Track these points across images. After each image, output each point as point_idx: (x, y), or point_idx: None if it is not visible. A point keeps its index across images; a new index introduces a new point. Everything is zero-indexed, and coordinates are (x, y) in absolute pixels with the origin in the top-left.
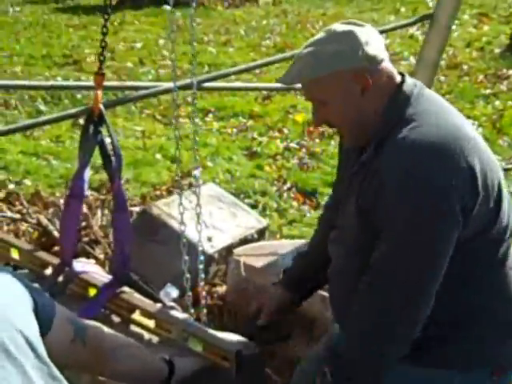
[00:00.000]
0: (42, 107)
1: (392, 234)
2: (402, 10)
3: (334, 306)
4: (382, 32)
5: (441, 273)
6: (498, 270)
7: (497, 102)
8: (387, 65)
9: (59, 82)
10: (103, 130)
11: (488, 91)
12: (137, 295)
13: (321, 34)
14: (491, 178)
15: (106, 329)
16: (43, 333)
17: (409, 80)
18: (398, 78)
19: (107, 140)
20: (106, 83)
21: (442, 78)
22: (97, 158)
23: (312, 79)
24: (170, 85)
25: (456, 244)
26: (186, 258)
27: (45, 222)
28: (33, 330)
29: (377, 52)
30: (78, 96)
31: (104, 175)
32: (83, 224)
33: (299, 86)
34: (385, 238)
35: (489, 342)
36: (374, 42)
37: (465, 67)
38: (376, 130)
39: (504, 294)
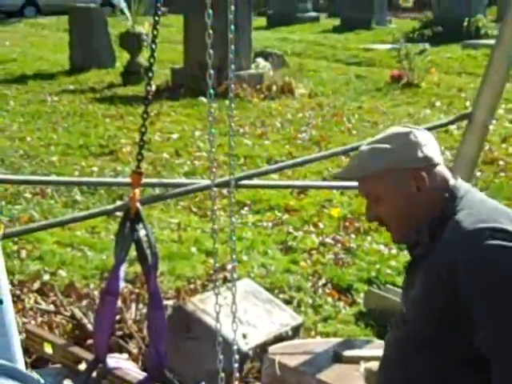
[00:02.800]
0: (78, 197)
1: (488, 315)
2: (437, 104)
3: None
4: None
5: None
6: None
7: None
8: (443, 168)
9: (95, 178)
10: (139, 228)
11: None
12: None
13: (381, 134)
14: None
15: None
16: None
17: (460, 180)
18: (452, 181)
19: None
20: (143, 180)
21: (478, 174)
22: (132, 250)
23: (369, 175)
24: (207, 182)
25: None
26: (221, 357)
27: (79, 315)
28: None
29: (434, 155)
30: (114, 187)
31: (139, 267)
32: (117, 318)
33: (337, 183)
34: (481, 322)
35: None
36: (430, 146)
37: (501, 163)
38: (431, 225)
39: None
